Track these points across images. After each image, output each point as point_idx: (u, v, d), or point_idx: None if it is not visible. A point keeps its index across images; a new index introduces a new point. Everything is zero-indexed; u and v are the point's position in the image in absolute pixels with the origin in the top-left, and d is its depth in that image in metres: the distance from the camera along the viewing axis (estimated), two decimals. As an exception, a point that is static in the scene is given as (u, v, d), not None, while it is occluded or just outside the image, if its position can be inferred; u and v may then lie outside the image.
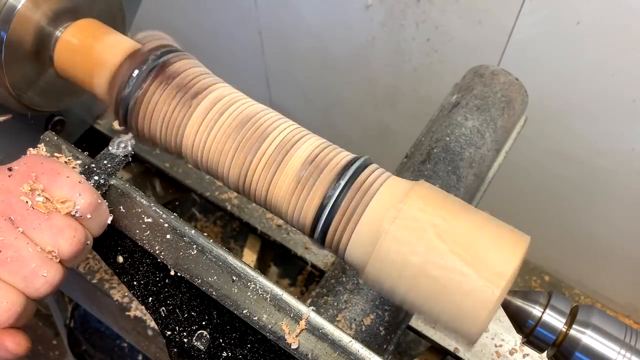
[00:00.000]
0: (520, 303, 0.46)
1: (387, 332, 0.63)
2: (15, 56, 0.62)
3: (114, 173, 0.55)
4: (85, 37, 0.63)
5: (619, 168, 1.12)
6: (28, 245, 0.45)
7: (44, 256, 0.45)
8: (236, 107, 0.55)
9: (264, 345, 0.49)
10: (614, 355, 0.43)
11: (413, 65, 1.25)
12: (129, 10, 0.77)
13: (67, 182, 0.48)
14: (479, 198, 0.75)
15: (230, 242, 1.04)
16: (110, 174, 0.54)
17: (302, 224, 0.52)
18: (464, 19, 1.10)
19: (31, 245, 0.45)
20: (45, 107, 0.72)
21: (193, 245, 0.51)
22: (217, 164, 0.55)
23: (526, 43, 1.05)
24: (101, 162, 0.55)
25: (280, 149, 0.52)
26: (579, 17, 0.96)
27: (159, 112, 0.56)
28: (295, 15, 1.35)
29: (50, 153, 0.54)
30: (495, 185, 0.79)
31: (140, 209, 0.53)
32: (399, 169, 0.74)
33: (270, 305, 0.49)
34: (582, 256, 1.35)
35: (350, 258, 0.50)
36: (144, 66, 0.56)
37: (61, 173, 0.48)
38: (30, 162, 0.49)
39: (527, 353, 0.76)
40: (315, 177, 0.51)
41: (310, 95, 1.56)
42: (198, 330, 0.51)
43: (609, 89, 1.02)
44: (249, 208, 0.92)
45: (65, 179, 0.48)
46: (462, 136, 0.73)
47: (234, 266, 0.50)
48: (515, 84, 0.80)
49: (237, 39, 1.54)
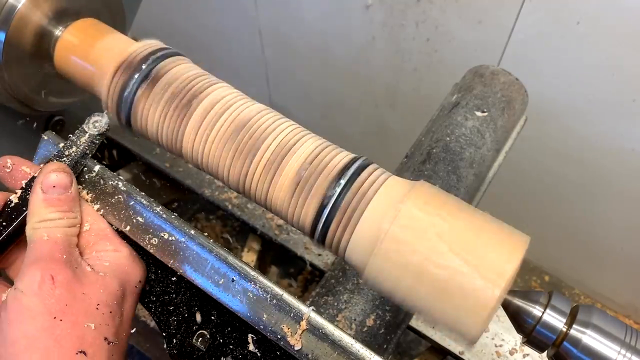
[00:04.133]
0: (520, 303, 0.46)
1: (387, 332, 0.63)
2: (15, 56, 0.62)
3: (89, 152, 0.55)
4: (85, 37, 0.63)
5: (619, 168, 1.12)
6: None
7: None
8: (232, 111, 0.55)
9: (264, 345, 0.49)
10: (614, 355, 0.43)
11: (413, 65, 1.25)
12: (129, 10, 0.77)
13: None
14: (479, 198, 0.75)
15: (230, 242, 1.04)
16: (85, 154, 0.54)
17: (302, 224, 0.52)
18: (464, 19, 1.10)
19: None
20: (45, 107, 0.72)
21: (193, 244, 0.51)
22: (216, 167, 0.55)
23: (526, 43, 1.05)
24: (76, 141, 0.55)
25: (280, 150, 0.52)
26: (579, 17, 0.96)
27: (155, 120, 0.56)
28: (295, 15, 1.35)
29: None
30: (495, 185, 0.79)
31: (139, 208, 0.53)
32: (399, 169, 0.74)
33: (270, 305, 0.49)
34: (582, 256, 1.35)
35: (350, 258, 0.50)
36: (137, 73, 0.56)
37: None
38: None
39: (527, 353, 0.76)
40: (315, 177, 0.50)
41: (310, 95, 1.55)
42: (198, 330, 0.51)
43: (609, 89, 1.02)
44: (249, 208, 0.92)
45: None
46: (462, 136, 0.73)
47: (234, 266, 0.50)
48: (515, 84, 0.80)
49: (237, 39, 1.54)
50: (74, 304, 0.45)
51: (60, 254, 0.47)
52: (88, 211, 0.53)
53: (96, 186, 0.54)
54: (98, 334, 0.45)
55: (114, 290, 0.48)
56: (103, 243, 0.51)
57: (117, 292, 0.48)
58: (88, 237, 0.51)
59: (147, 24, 0.71)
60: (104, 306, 0.46)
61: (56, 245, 0.47)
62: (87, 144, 0.55)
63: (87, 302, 0.45)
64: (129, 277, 0.50)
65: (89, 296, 0.46)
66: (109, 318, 0.46)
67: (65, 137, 0.57)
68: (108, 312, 0.46)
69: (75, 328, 0.44)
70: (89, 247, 0.51)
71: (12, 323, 0.43)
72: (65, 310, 0.44)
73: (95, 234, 0.51)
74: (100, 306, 0.46)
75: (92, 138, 0.55)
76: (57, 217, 0.49)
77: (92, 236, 0.51)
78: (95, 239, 0.51)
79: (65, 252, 0.47)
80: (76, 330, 0.44)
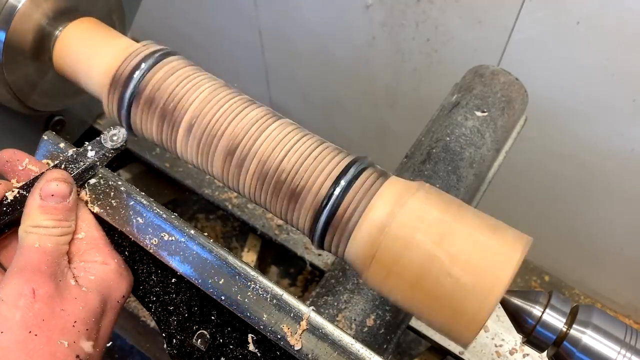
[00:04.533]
0: (520, 303, 0.46)
1: (387, 332, 0.63)
2: (15, 56, 0.62)
3: (100, 164, 0.55)
4: (84, 38, 0.63)
5: (619, 168, 1.12)
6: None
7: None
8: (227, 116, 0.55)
9: (264, 345, 0.49)
10: (614, 355, 0.43)
11: (413, 65, 1.25)
12: (129, 10, 0.77)
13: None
14: (479, 198, 0.75)
15: (230, 242, 1.04)
16: (95, 165, 0.55)
17: (302, 225, 0.52)
18: (464, 19, 1.10)
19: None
20: (46, 107, 0.72)
21: (193, 244, 0.51)
22: (215, 171, 0.56)
23: (526, 43, 1.05)
24: (89, 151, 0.55)
25: (280, 150, 0.52)
26: (579, 17, 0.96)
27: (153, 133, 0.58)
28: (295, 15, 1.35)
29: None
30: (495, 185, 0.79)
31: (139, 208, 0.53)
32: (399, 169, 0.74)
33: (270, 305, 0.49)
34: (582, 256, 1.35)
35: (350, 259, 0.50)
36: (127, 91, 0.57)
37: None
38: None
39: (527, 353, 0.76)
40: (315, 177, 0.50)
41: (310, 95, 1.55)
42: (198, 330, 0.51)
43: (608, 89, 1.02)
44: (249, 208, 0.92)
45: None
46: (462, 136, 0.73)
47: (234, 266, 0.50)
48: (515, 84, 0.80)
49: (237, 38, 1.54)
50: (51, 319, 0.45)
51: (46, 265, 0.47)
52: (84, 218, 0.52)
53: (96, 187, 0.54)
54: (70, 352, 0.45)
55: (94, 307, 0.48)
56: (93, 253, 0.51)
57: (97, 309, 0.48)
58: (79, 245, 0.51)
59: (147, 24, 0.71)
60: (80, 324, 0.46)
61: (44, 255, 0.47)
62: (100, 157, 0.55)
63: (65, 319, 0.46)
64: (112, 292, 0.50)
65: (67, 312, 0.46)
66: (84, 335, 0.46)
67: (65, 137, 0.57)
68: (84, 330, 0.46)
69: (49, 344, 0.44)
70: (78, 255, 0.51)
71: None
72: (42, 325, 0.44)
73: (87, 243, 0.51)
74: (77, 324, 0.46)
75: (106, 152, 0.55)
76: (51, 225, 0.49)
77: (84, 244, 0.51)
78: (87, 248, 0.51)
79: (53, 264, 0.47)
80: (49, 347, 0.44)
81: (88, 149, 0.55)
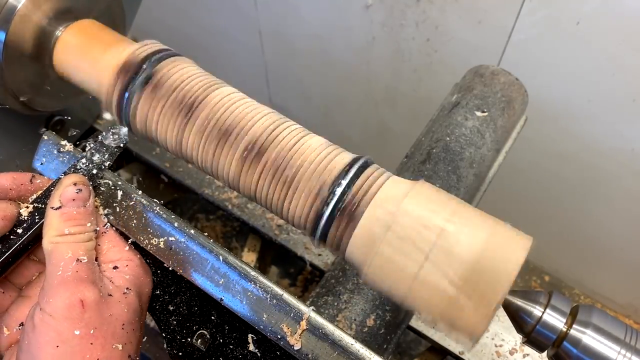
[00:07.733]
0: (520, 303, 0.46)
1: (387, 332, 0.63)
2: (15, 56, 0.62)
3: (107, 165, 0.55)
4: (84, 38, 0.63)
5: (619, 168, 1.12)
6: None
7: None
8: (235, 115, 0.55)
9: (264, 345, 0.49)
10: (614, 355, 0.43)
11: (413, 65, 1.25)
12: (129, 10, 0.77)
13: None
14: (479, 198, 0.75)
15: (230, 242, 1.04)
16: (103, 166, 0.54)
17: (303, 224, 0.52)
18: (464, 19, 1.10)
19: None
20: (45, 107, 0.72)
21: (193, 244, 0.51)
22: (217, 168, 0.55)
23: (526, 43, 1.05)
24: (94, 153, 0.55)
25: (281, 150, 0.52)
26: (579, 17, 0.96)
27: (157, 123, 0.57)
28: (295, 15, 1.35)
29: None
30: (495, 185, 0.79)
31: (139, 208, 0.53)
32: (399, 169, 0.74)
33: (270, 305, 0.49)
34: (582, 256, 1.35)
35: (350, 258, 0.50)
36: (137, 76, 0.56)
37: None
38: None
39: (527, 353, 0.76)
40: (316, 177, 0.51)
41: (310, 95, 1.55)
42: (198, 330, 0.51)
43: (608, 89, 1.02)
44: (249, 208, 0.92)
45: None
46: (462, 136, 0.73)
47: (234, 266, 0.50)
48: (515, 84, 0.80)
49: (237, 38, 1.54)
50: (103, 326, 0.45)
51: (85, 273, 0.47)
52: (98, 219, 0.52)
53: (99, 188, 0.54)
54: (124, 354, 0.46)
55: (136, 307, 0.49)
56: (114, 252, 0.51)
57: (138, 308, 0.49)
58: (101, 246, 0.51)
59: (147, 24, 0.71)
60: (128, 325, 0.47)
61: (80, 263, 0.47)
62: (106, 157, 0.54)
63: (114, 324, 0.46)
64: (144, 288, 0.51)
65: (115, 317, 0.46)
66: (133, 336, 0.47)
67: (65, 137, 0.57)
68: (132, 330, 0.47)
69: (104, 350, 0.45)
70: (102, 256, 0.51)
71: (43, 347, 0.43)
72: (95, 333, 0.45)
73: (107, 242, 0.51)
74: (126, 325, 0.47)
75: (110, 151, 0.55)
76: (77, 231, 0.49)
77: (105, 244, 0.51)
78: (108, 247, 0.51)
79: (89, 271, 0.47)
80: (105, 352, 0.45)
81: (92, 151, 0.55)
